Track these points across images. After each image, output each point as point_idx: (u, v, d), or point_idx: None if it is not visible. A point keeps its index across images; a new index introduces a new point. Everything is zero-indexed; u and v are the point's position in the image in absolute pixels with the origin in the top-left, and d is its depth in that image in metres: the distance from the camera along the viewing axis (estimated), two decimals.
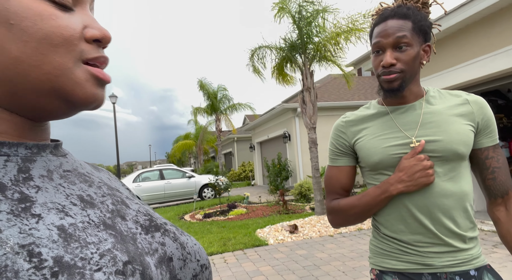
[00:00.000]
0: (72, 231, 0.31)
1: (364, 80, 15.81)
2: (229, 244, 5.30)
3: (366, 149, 1.02)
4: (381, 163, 0.99)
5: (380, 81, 0.99)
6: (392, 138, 0.99)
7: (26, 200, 0.31)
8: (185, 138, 29.63)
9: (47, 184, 0.34)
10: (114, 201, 0.41)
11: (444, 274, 0.93)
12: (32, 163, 0.35)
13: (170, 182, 11.53)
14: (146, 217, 0.42)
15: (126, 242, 0.35)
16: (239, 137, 22.67)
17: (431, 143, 0.95)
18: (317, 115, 7.55)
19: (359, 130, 1.06)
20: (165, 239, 0.41)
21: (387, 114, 1.03)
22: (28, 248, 0.27)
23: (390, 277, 0.99)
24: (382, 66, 0.96)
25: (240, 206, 9.15)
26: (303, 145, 11.90)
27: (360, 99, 12.73)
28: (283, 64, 7.71)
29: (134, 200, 0.46)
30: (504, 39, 4.53)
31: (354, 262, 4.05)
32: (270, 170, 11.27)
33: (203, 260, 0.45)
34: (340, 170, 1.10)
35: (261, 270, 4.08)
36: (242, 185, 18.03)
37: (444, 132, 0.95)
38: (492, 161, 0.98)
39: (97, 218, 0.35)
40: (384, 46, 0.96)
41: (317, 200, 6.89)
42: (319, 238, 5.39)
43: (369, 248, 1.09)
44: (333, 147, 1.11)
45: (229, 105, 17.53)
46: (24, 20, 0.31)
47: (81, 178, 0.40)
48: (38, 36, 0.32)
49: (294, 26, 7.07)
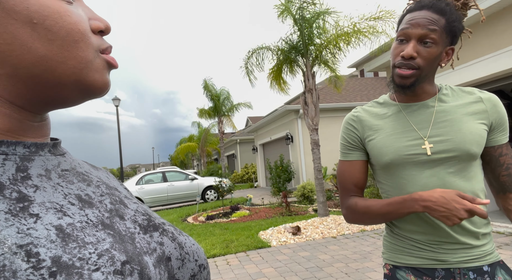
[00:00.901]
0: (70, 231, 0.31)
1: (367, 81, 15.79)
2: (231, 246, 5.29)
3: (378, 148, 1.00)
4: (392, 163, 0.97)
5: (394, 73, 0.95)
6: (404, 138, 0.97)
7: (24, 200, 0.31)
8: (189, 140, 29.72)
9: (45, 183, 0.34)
10: (113, 200, 0.40)
11: (458, 269, 0.93)
12: (31, 162, 0.34)
13: (173, 184, 11.54)
14: (144, 216, 0.42)
15: (125, 241, 0.35)
16: (242, 139, 22.69)
17: (444, 143, 0.93)
18: (319, 116, 7.55)
19: (370, 127, 1.03)
20: (164, 238, 0.41)
21: (399, 112, 1.01)
22: (26, 248, 0.27)
23: (404, 271, 0.99)
24: (402, 56, 0.92)
25: (243, 208, 9.14)
26: (305, 147, 11.88)
27: (362, 100, 12.69)
28: (282, 67, 7.62)
29: (132, 199, 0.46)
30: (506, 38, 4.51)
31: (357, 264, 4.03)
32: (272, 172, 11.26)
33: (201, 260, 0.44)
34: (352, 164, 1.07)
35: (263, 272, 4.07)
36: (245, 187, 18.02)
37: (457, 132, 0.93)
38: (506, 157, 0.97)
39: (95, 218, 0.35)
40: (410, 36, 0.91)
41: (319, 202, 6.87)
42: (322, 239, 5.36)
43: (383, 244, 1.08)
44: (344, 141, 1.09)
45: (230, 107, 17.58)
46: (46, 19, 0.32)
47: (79, 177, 0.39)
48: (61, 34, 0.33)
49: (295, 27, 7.08)
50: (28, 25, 0.32)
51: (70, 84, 0.35)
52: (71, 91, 0.36)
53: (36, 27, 0.32)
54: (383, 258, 1.07)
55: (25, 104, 0.35)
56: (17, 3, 0.31)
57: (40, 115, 0.38)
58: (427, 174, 0.94)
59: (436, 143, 0.94)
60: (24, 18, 0.31)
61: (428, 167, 0.95)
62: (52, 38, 0.33)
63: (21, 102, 0.34)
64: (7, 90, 0.33)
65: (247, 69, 7.91)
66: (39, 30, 0.32)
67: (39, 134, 0.38)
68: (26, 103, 0.35)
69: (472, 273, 0.92)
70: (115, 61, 0.40)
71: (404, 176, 0.97)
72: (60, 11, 0.33)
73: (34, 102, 0.35)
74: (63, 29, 0.33)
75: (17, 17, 0.31)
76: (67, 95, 0.36)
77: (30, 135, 0.37)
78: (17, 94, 0.34)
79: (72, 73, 0.35)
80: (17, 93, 0.34)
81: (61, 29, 0.33)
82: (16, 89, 0.33)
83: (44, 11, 0.32)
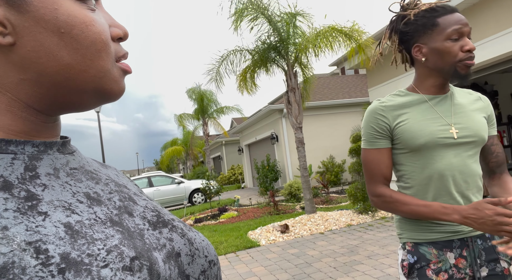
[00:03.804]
0: (78, 228, 0.31)
1: (348, 79, 16.03)
2: (221, 247, 5.30)
3: (411, 132, 1.10)
4: (426, 144, 1.09)
5: (459, 66, 1.07)
6: (434, 123, 1.11)
7: (33, 198, 0.31)
8: (172, 144, 29.36)
9: (53, 182, 0.34)
10: (122, 198, 0.41)
11: (470, 238, 1.10)
12: (39, 161, 0.35)
13: (159, 188, 11.43)
14: (153, 213, 0.42)
15: (134, 238, 0.35)
16: (227, 141, 22.64)
17: (466, 129, 1.11)
18: (303, 115, 7.62)
19: (399, 114, 1.14)
20: (173, 234, 0.41)
21: (425, 102, 1.15)
22: (35, 245, 0.27)
23: (426, 247, 1.11)
24: (468, 50, 1.05)
25: (231, 209, 9.13)
26: (290, 145, 11.98)
27: (344, 98, 12.90)
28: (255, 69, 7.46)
29: (142, 196, 0.46)
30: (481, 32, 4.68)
31: (344, 258, 4.11)
32: (259, 172, 11.30)
33: (211, 256, 0.44)
34: (380, 152, 1.16)
35: (253, 271, 4.10)
36: (232, 188, 17.99)
37: (472, 121, 1.12)
38: (496, 147, 1.21)
39: (103, 215, 0.35)
40: (464, 33, 1.06)
41: (306, 199, 6.95)
42: (310, 236, 5.44)
43: (399, 226, 1.20)
44: (371, 130, 1.16)
45: (216, 109, 17.49)
46: (73, 28, 0.33)
47: (88, 175, 0.40)
48: (86, 44, 0.34)
49: (271, 28, 7.06)
50: (56, 34, 0.32)
51: (90, 91, 0.36)
52: (89, 98, 0.37)
53: (63, 36, 0.33)
54: (401, 239, 1.18)
55: (43, 108, 0.36)
56: (47, 12, 0.32)
57: (54, 117, 0.38)
58: (452, 155, 1.10)
59: (460, 129, 1.11)
60: (52, 27, 0.32)
61: (453, 149, 1.10)
62: (77, 47, 0.34)
63: (40, 107, 0.35)
64: (28, 95, 0.34)
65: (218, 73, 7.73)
66: (66, 39, 0.33)
67: (51, 135, 0.39)
68: (44, 107, 0.36)
69: (480, 240, 1.10)
70: (129, 68, 0.40)
71: (432, 157, 1.10)
72: (86, 21, 0.34)
73: (52, 107, 0.36)
74: (88, 39, 0.34)
75: (46, 26, 0.32)
76: (85, 101, 0.37)
77: (43, 136, 0.37)
78: (37, 99, 0.34)
79: (92, 82, 0.35)
80: (38, 99, 0.34)
81: (86, 39, 0.34)
82: (37, 94, 0.34)
83: (71, 21, 0.33)
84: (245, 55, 7.54)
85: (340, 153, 12.27)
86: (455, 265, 1.08)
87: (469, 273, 1.08)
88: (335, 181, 11.55)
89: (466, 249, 1.09)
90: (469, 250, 1.09)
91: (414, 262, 1.11)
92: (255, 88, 7.84)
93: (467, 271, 1.08)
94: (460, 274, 1.08)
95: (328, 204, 8.06)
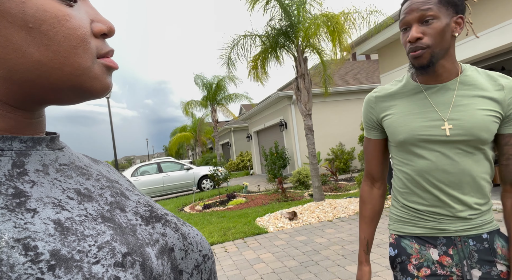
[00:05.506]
0: (69, 224, 0.31)
1: (359, 64, 15.73)
2: (229, 234, 5.34)
3: (393, 126, 1.06)
4: (406, 141, 1.04)
5: (409, 58, 0.99)
6: (421, 118, 1.02)
7: (21, 195, 0.30)
8: (181, 130, 29.54)
9: (42, 178, 0.34)
10: (113, 193, 0.40)
11: (458, 237, 1.02)
12: (27, 157, 0.34)
13: (168, 174, 11.54)
14: (146, 208, 0.42)
15: (126, 233, 0.35)
16: (236, 128, 22.65)
17: (461, 126, 0.97)
18: (312, 102, 7.52)
19: (388, 106, 1.09)
20: (166, 229, 0.40)
21: (420, 92, 1.04)
22: (23, 242, 0.27)
23: (408, 240, 1.08)
24: (408, 42, 0.96)
25: (239, 196, 9.20)
26: (299, 132, 11.90)
27: (355, 84, 12.68)
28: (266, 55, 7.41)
29: (134, 191, 0.45)
30: (497, 17, 4.49)
31: (353, 246, 4.10)
32: (267, 159, 11.30)
33: (205, 250, 0.44)
34: (371, 142, 1.18)
35: (261, 257, 4.13)
36: (240, 175, 18.10)
37: (470, 117, 0.97)
38: (510, 148, 0.99)
39: (94, 211, 0.35)
40: (410, 22, 0.97)
41: (315, 187, 6.93)
42: (318, 223, 5.44)
43: (389, 216, 1.17)
44: (364, 119, 1.18)
45: (225, 96, 17.42)
46: (42, 23, 0.31)
47: (78, 171, 0.39)
48: (58, 39, 0.32)
49: (282, 12, 6.94)
50: (23, 29, 0.31)
51: (66, 89, 0.35)
52: (67, 95, 0.36)
53: (31, 31, 0.31)
54: (389, 230, 1.16)
55: (19, 105, 0.34)
56: (13, 6, 0.30)
57: (36, 112, 0.37)
58: (438, 153, 1.00)
59: (455, 125, 0.98)
60: (19, 22, 0.31)
61: (442, 147, 1.00)
62: (48, 43, 0.32)
63: (15, 103, 0.34)
64: (0, 91, 0.33)
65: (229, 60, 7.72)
66: (35, 35, 0.31)
67: (36, 131, 0.37)
68: (20, 104, 0.34)
69: (472, 241, 1.01)
70: (114, 63, 0.38)
71: (414, 154, 1.04)
72: (58, 16, 0.32)
73: (28, 103, 0.35)
74: (60, 35, 0.32)
75: (12, 21, 0.30)
76: (63, 98, 0.36)
77: (27, 132, 0.36)
78: (11, 96, 0.33)
79: (68, 80, 0.34)
80: (11, 95, 0.33)
81: (58, 35, 0.32)
82: (9, 91, 0.33)
83: (41, 15, 0.31)
84: (255, 40, 7.44)
85: (350, 140, 12.16)
86: (439, 262, 1.03)
87: (457, 273, 1.02)
88: (344, 168, 11.48)
89: (453, 248, 1.02)
90: (456, 249, 1.01)
91: (395, 256, 1.10)
92: (266, 76, 7.76)
93: (454, 270, 1.02)
94: (444, 272, 1.02)
95: (336, 191, 8.03)
